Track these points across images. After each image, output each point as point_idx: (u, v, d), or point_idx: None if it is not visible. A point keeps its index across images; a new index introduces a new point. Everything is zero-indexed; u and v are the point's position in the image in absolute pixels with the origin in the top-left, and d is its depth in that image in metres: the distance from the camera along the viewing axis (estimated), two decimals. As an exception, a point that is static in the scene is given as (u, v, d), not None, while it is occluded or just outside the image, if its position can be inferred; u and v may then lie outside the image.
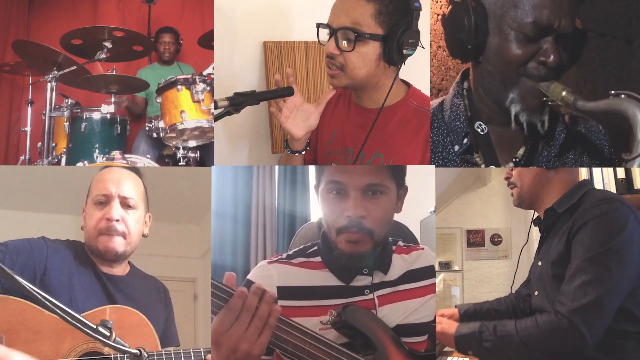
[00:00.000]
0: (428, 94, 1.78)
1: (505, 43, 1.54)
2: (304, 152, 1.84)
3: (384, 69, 1.67)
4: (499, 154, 1.69)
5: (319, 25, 1.66)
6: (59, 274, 1.64)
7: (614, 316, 1.50)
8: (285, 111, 1.75)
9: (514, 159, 1.70)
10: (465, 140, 1.67)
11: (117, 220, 1.71)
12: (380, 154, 1.70)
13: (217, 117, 1.68)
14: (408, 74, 1.77)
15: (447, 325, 1.64)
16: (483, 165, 1.66)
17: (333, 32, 1.63)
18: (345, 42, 1.61)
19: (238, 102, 1.63)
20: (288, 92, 1.73)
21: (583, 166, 1.76)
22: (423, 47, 1.65)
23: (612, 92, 1.51)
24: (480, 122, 1.67)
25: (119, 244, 1.72)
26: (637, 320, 1.54)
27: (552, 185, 1.69)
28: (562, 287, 1.53)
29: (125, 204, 1.74)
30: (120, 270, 1.78)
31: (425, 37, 1.70)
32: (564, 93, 1.51)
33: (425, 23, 1.66)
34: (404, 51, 1.61)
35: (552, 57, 1.51)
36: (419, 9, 1.62)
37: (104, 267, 1.74)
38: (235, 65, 2.28)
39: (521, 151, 1.69)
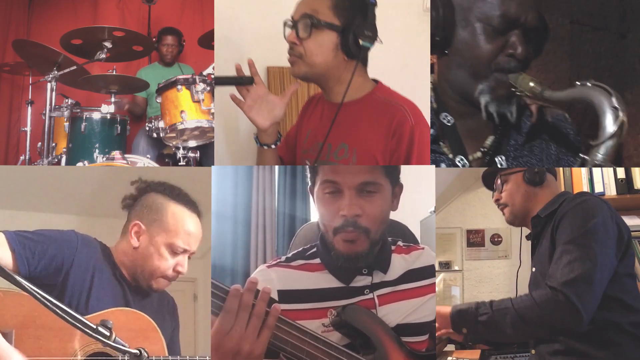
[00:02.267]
0: (427, 100, 1.80)
1: (473, 36, 1.59)
2: (273, 146, 1.85)
3: (345, 63, 1.71)
4: (467, 143, 1.73)
5: (285, 22, 1.73)
6: (84, 269, 1.65)
7: (605, 306, 1.54)
8: (249, 100, 1.78)
9: (481, 149, 1.73)
10: (431, 131, 1.70)
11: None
12: (345, 144, 1.73)
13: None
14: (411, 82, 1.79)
15: (442, 307, 1.66)
16: (451, 155, 1.70)
17: (294, 24, 1.71)
18: (303, 31, 1.67)
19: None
20: (247, 80, 1.77)
21: (551, 154, 1.82)
22: (381, 42, 1.71)
23: (578, 82, 1.58)
24: (446, 114, 1.70)
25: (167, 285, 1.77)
26: (628, 308, 1.58)
27: (540, 198, 1.79)
28: (549, 270, 1.57)
29: (189, 257, 1.78)
30: None
31: (426, 44, 1.76)
32: (531, 84, 1.57)
33: (425, 30, 1.72)
34: (360, 42, 1.66)
35: (520, 49, 1.57)
36: (374, 4, 1.70)
37: (127, 277, 1.74)
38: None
39: (489, 141, 1.72)
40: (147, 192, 1.79)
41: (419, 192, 1.90)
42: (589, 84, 1.54)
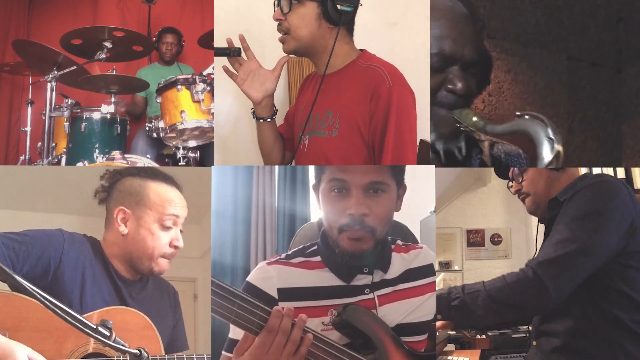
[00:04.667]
0: (428, 96, 1.80)
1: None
2: (269, 120, 1.93)
3: (330, 31, 1.79)
4: None
5: (273, 3, 1.83)
6: (73, 268, 1.63)
7: (608, 298, 1.52)
8: (241, 74, 1.87)
9: None
10: None
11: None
12: (330, 112, 1.82)
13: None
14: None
15: None
16: None
17: (278, 2, 1.80)
18: (285, 7, 1.76)
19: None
20: (235, 52, 1.87)
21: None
22: (361, 5, 1.79)
23: (518, 113, 1.56)
24: None
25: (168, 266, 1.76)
26: (636, 305, 1.54)
27: (562, 183, 1.71)
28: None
29: (180, 230, 1.77)
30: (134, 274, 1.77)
31: (425, 42, 1.76)
32: (474, 118, 1.57)
33: (425, 30, 1.73)
34: (339, 7, 1.74)
35: (459, 85, 1.56)
36: None
37: (120, 270, 1.73)
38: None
39: None
40: (119, 179, 1.78)
41: (419, 192, 1.90)
42: (527, 116, 1.55)
